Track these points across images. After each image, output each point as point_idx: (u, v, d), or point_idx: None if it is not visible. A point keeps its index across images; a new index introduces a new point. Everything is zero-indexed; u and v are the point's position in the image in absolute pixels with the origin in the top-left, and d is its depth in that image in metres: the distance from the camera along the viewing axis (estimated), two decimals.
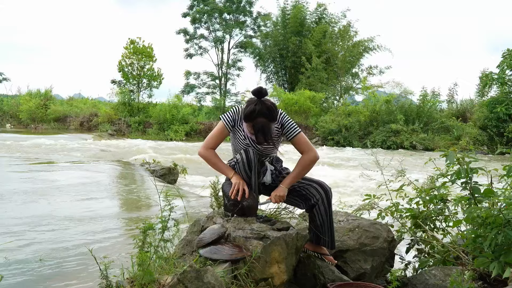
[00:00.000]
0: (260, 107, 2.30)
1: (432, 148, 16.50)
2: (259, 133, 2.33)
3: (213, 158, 2.53)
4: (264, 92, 2.35)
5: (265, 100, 2.35)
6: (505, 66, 17.20)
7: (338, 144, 17.82)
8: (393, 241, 2.88)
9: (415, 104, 19.50)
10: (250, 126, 2.39)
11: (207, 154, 2.53)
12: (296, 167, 2.52)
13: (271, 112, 2.33)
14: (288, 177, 2.52)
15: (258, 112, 2.30)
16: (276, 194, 2.48)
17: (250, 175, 2.45)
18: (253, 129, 2.36)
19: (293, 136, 2.50)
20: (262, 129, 2.31)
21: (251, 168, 2.44)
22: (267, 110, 2.31)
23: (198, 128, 19.74)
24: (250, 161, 2.43)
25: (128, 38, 20.56)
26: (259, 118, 2.31)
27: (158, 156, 9.77)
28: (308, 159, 2.50)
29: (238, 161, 2.48)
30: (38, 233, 3.31)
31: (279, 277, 2.17)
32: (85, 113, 20.80)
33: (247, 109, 2.33)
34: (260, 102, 2.32)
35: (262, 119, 2.31)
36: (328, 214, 2.49)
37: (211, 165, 2.55)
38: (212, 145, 2.55)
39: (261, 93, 2.34)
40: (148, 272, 1.78)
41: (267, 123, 2.32)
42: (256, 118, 2.31)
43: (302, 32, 25.98)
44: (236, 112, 2.52)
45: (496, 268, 2.08)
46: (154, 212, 4.26)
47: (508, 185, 2.57)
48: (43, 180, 6.07)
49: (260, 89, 2.35)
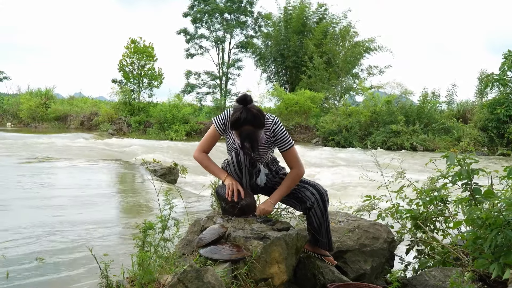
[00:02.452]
0: (246, 115, 2.25)
1: (432, 149, 16.49)
2: (246, 141, 2.29)
3: (206, 161, 2.55)
4: (249, 99, 2.30)
5: (251, 107, 2.29)
6: (506, 68, 17.20)
7: (339, 144, 17.81)
8: (393, 242, 2.88)
9: (415, 105, 19.49)
10: (237, 134, 2.36)
11: (200, 157, 2.55)
12: (284, 183, 2.50)
13: (257, 119, 2.28)
14: (276, 193, 2.50)
15: (244, 120, 2.25)
16: (263, 208, 2.47)
17: (241, 176, 2.46)
18: (239, 137, 2.33)
19: (285, 149, 2.48)
20: (248, 137, 2.28)
21: (241, 170, 2.44)
22: (252, 117, 2.26)
23: (199, 128, 19.73)
24: (240, 163, 2.43)
25: (129, 38, 20.56)
26: (245, 126, 2.27)
27: (158, 155, 9.76)
28: (296, 175, 2.50)
29: (229, 163, 2.49)
30: (37, 233, 3.31)
31: (279, 277, 2.17)
32: (86, 112, 20.80)
33: (232, 117, 2.29)
34: (246, 110, 2.27)
35: (248, 127, 2.27)
36: (324, 216, 2.49)
37: (204, 167, 2.57)
38: (205, 149, 2.56)
39: (246, 101, 2.29)
40: (148, 272, 1.78)
41: (253, 130, 2.29)
42: (241, 126, 2.27)
43: (304, 32, 25.99)
44: (227, 115, 2.46)
45: (496, 270, 2.08)
46: (154, 212, 4.26)
47: (508, 186, 2.57)
48: (43, 179, 6.07)
49: (245, 96, 2.30)
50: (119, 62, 20.63)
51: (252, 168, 2.52)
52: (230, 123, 2.32)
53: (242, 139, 2.31)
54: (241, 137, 2.31)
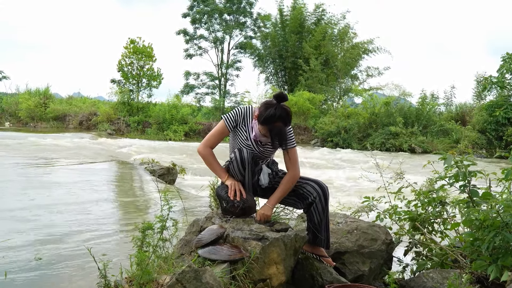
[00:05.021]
0: (281, 112, 2.33)
1: (431, 151, 16.51)
2: (276, 137, 2.37)
3: (210, 158, 2.58)
4: (285, 97, 2.38)
5: (284, 105, 2.38)
6: (505, 70, 17.24)
7: (337, 146, 17.83)
8: (391, 244, 2.88)
9: (414, 106, 19.53)
10: (266, 130, 2.40)
11: (205, 152, 2.57)
12: (281, 186, 2.53)
13: (289, 117, 2.38)
14: (273, 197, 2.53)
15: (278, 117, 2.33)
16: (262, 212, 2.49)
17: (243, 173, 2.47)
18: (270, 133, 2.38)
19: (289, 147, 2.52)
20: (279, 134, 2.36)
21: (245, 167, 2.46)
22: (286, 115, 2.35)
23: (197, 128, 19.74)
24: (244, 160, 2.45)
25: (128, 38, 20.53)
26: (278, 122, 2.34)
27: (157, 156, 9.76)
28: (293, 178, 2.54)
29: (232, 160, 2.50)
30: (36, 232, 3.30)
31: (277, 278, 2.17)
32: (84, 112, 20.76)
33: (266, 112, 2.35)
34: (280, 107, 2.35)
35: (280, 124, 2.35)
36: (325, 211, 2.51)
37: (207, 164, 2.59)
38: (211, 144, 2.58)
39: (283, 98, 2.37)
40: (147, 272, 1.78)
41: (284, 128, 2.37)
42: (275, 122, 2.34)
43: (302, 32, 26.00)
44: (239, 113, 2.54)
45: (494, 271, 2.09)
46: (153, 212, 4.26)
47: (506, 188, 2.58)
48: (41, 179, 6.07)
49: (282, 94, 2.39)
50: (118, 62, 20.61)
51: (254, 167, 2.53)
52: (264, 118, 2.35)
53: (273, 135, 2.37)
54: (272, 132, 2.37)
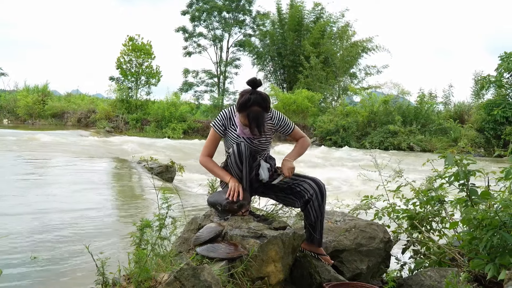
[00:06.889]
0: (255, 96, 2.38)
1: (429, 149, 16.55)
2: (253, 122, 2.38)
3: (210, 165, 2.64)
4: (258, 82, 2.43)
5: (259, 91, 2.42)
6: (503, 69, 17.26)
7: (336, 144, 17.85)
8: (389, 242, 2.89)
9: (412, 105, 19.56)
10: (244, 116, 2.42)
11: (205, 160, 2.65)
12: (298, 145, 2.74)
13: (265, 101, 2.41)
14: (291, 153, 2.69)
15: (253, 101, 2.37)
16: (289, 166, 2.56)
17: (241, 167, 2.48)
18: (247, 118, 2.40)
19: (291, 131, 2.70)
20: (256, 118, 2.37)
21: (242, 161, 2.47)
22: (261, 99, 2.39)
23: (196, 126, 19.73)
24: (241, 154, 2.46)
25: (127, 35, 20.54)
26: (254, 107, 2.37)
27: (155, 153, 9.75)
28: (306, 141, 2.79)
29: (230, 154, 2.52)
30: (33, 231, 3.29)
31: (276, 276, 2.17)
32: (83, 109, 20.74)
33: (241, 98, 2.40)
34: (255, 92, 2.40)
35: (256, 108, 2.38)
36: (322, 209, 2.52)
37: (209, 171, 2.66)
38: (209, 152, 2.66)
39: (256, 83, 2.42)
40: (145, 269, 1.78)
41: (261, 112, 2.39)
42: (250, 107, 2.37)
43: (301, 31, 25.97)
44: (225, 116, 2.59)
45: (492, 270, 2.09)
46: (151, 210, 4.25)
47: (506, 188, 2.58)
48: (39, 177, 6.06)
49: (255, 79, 2.43)
50: (117, 59, 20.59)
51: (252, 161, 2.53)
52: (239, 104, 2.40)
53: (250, 120, 2.38)
54: (249, 118, 2.38)
